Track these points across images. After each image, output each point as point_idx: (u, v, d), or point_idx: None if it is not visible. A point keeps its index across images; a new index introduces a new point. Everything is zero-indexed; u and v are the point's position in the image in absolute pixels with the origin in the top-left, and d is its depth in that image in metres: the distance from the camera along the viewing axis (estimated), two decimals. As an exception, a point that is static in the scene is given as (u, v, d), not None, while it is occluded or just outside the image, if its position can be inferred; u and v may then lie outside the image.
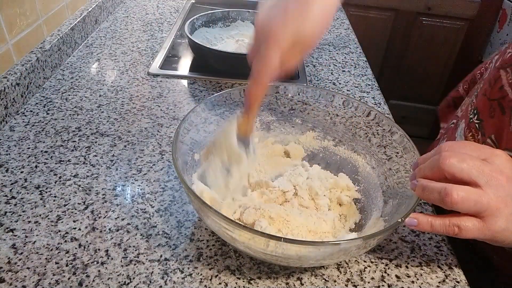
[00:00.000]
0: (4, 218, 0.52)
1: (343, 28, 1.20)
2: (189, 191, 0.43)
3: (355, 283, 0.48)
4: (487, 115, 0.63)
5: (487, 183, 0.39)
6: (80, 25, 0.96)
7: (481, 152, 0.41)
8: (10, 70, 0.72)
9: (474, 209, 0.39)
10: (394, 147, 0.55)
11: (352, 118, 0.61)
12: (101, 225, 0.52)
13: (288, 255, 0.42)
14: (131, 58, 0.93)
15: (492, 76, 0.65)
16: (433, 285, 0.48)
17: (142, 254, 0.49)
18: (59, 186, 0.58)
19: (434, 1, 1.84)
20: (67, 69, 0.87)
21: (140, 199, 0.57)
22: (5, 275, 0.45)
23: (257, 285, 0.47)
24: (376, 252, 0.52)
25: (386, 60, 2.02)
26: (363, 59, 1.02)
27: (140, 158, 0.64)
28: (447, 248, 0.53)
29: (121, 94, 0.80)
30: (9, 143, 0.65)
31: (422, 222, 0.41)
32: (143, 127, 0.71)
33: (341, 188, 0.57)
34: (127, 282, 0.46)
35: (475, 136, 0.65)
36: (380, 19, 1.92)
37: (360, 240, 0.42)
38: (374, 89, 0.90)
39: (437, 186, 0.39)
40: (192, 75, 0.89)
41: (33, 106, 0.74)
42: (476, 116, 0.65)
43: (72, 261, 0.48)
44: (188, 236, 0.52)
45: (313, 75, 0.92)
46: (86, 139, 0.67)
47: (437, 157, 0.40)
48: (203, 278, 0.47)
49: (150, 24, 1.11)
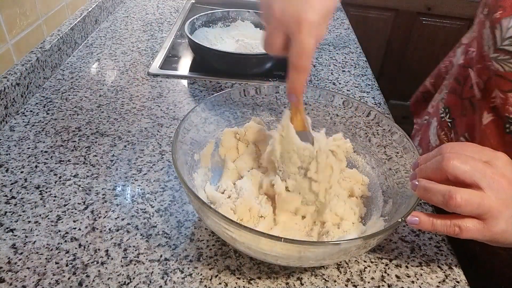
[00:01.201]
0: (4, 218, 0.52)
1: (343, 28, 1.20)
2: (189, 191, 0.43)
3: (355, 283, 0.48)
4: (459, 113, 0.63)
5: (489, 186, 0.39)
6: (80, 25, 0.96)
7: (482, 154, 0.41)
8: (10, 70, 0.72)
9: (476, 212, 0.39)
10: (394, 147, 0.55)
11: (352, 118, 0.61)
12: (101, 225, 0.52)
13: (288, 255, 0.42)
14: (131, 58, 0.93)
15: (459, 74, 0.65)
16: (433, 285, 0.48)
17: (142, 254, 0.49)
18: (59, 186, 0.58)
19: (434, 1, 1.84)
20: (67, 69, 0.87)
21: (140, 199, 0.57)
22: (5, 275, 0.45)
23: (257, 285, 0.47)
24: (376, 252, 0.52)
25: (386, 60, 2.02)
26: (363, 59, 1.02)
27: (140, 158, 0.64)
28: (447, 248, 0.53)
29: (121, 94, 0.80)
30: (9, 143, 0.65)
31: (423, 221, 0.41)
32: (143, 127, 0.71)
33: (357, 180, 0.56)
34: (127, 282, 0.46)
35: (448, 135, 0.65)
36: (380, 19, 1.91)
37: (360, 240, 0.42)
38: (374, 89, 0.90)
39: (440, 188, 0.39)
40: (192, 75, 0.89)
41: (33, 106, 0.74)
42: (448, 115, 0.66)
43: (72, 261, 0.48)
44: (188, 236, 0.52)
45: (313, 75, 0.92)
46: (86, 139, 0.67)
47: (439, 158, 0.40)
48: (203, 278, 0.47)
49: (150, 24, 1.11)
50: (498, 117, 0.55)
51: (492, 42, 0.54)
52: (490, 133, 0.56)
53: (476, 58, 0.60)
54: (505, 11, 0.51)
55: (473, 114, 0.60)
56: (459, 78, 0.65)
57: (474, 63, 0.61)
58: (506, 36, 0.51)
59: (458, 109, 0.64)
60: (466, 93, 0.62)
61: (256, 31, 1.03)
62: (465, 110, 0.62)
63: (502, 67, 0.53)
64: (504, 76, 0.53)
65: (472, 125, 0.60)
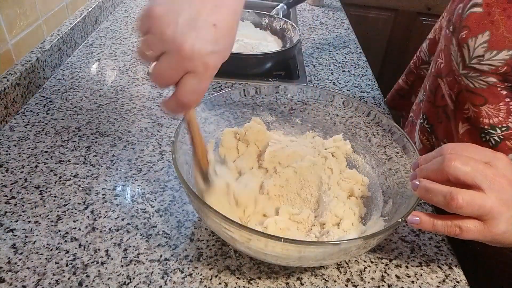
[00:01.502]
0: (4, 218, 0.52)
1: (343, 28, 1.20)
2: (189, 191, 0.43)
3: (355, 283, 0.48)
4: (436, 120, 0.64)
5: (490, 187, 0.39)
6: (80, 25, 0.96)
7: (483, 155, 0.41)
8: (10, 70, 0.72)
9: (477, 213, 0.39)
10: (394, 147, 0.55)
11: (352, 118, 0.61)
12: (101, 225, 0.52)
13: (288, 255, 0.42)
14: (131, 58, 0.93)
15: (432, 83, 0.66)
16: (433, 285, 0.48)
17: (142, 254, 0.49)
18: (59, 186, 0.58)
19: (434, 1, 1.84)
20: (67, 69, 0.87)
21: (140, 199, 0.57)
22: (5, 275, 0.45)
23: (257, 285, 0.47)
24: (376, 252, 0.52)
25: (386, 60, 2.02)
26: (363, 59, 1.02)
27: (140, 158, 0.64)
28: (447, 248, 0.53)
29: (121, 94, 0.80)
30: (9, 143, 0.65)
31: (424, 221, 0.41)
32: (143, 127, 0.71)
33: (356, 181, 0.56)
34: (127, 282, 0.46)
35: (429, 139, 0.66)
36: (380, 19, 1.91)
37: (360, 240, 0.42)
38: (374, 89, 0.90)
39: (441, 189, 0.40)
40: (192, 75, 0.89)
41: (33, 106, 0.74)
42: (425, 121, 0.66)
43: (72, 261, 0.48)
44: (188, 236, 0.52)
45: (313, 75, 0.92)
46: (86, 139, 0.67)
47: (440, 159, 0.41)
48: (203, 278, 0.47)
49: (150, 24, 1.11)
50: (473, 127, 0.56)
51: (461, 60, 0.54)
52: (467, 141, 0.57)
53: (445, 71, 0.61)
54: (470, 31, 0.52)
55: (448, 122, 0.61)
56: (431, 87, 0.65)
57: (444, 75, 0.61)
58: (473, 56, 0.52)
59: (434, 117, 0.65)
60: (438, 101, 0.63)
61: (256, 31, 1.03)
62: (441, 118, 0.63)
63: (472, 84, 0.54)
64: (474, 92, 0.54)
65: (450, 132, 0.61)
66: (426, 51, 0.78)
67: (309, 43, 1.09)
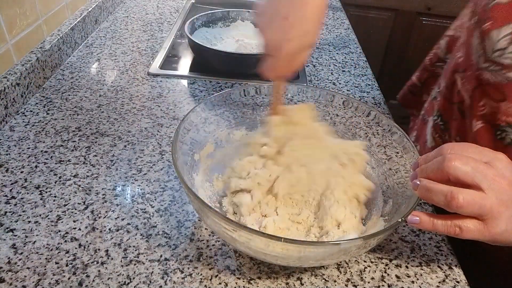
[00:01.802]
0: (4, 218, 0.52)
1: (343, 28, 1.20)
2: (189, 191, 0.43)
3: (355, 283, 0.48)
4: (450, 117, 0.64)
5: (490, 187, 0.39)
6: (80, 25, 0.96)
7: (483, 155, 0.41)
8: (10, 70, 0.72)
9: (477, 212, 0.39)
10: (394, 147, 0.55)
11: (352, 118, 0.61)
12: (101, 225, 0.52)
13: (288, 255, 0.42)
14: (131, 58, 0.93)
15: (448, 79, 0.65)
16: (433, 285, 0.48)
17: (142, 254, 0.49)
18: (59, 186, 0.58)
19: (434, 1, 1.84)
20: (67, 69, 0.87)
21: (140, 199, 0.57)
22: (5, 275, 0.45)
23: (257, 285, 0.47)
24: (376, 252, 0.52)
25: (386, 60, 2.02)
26: (363, 59, 1.02)
27: (140, 158, 0.64)
28: (447, 248, 0.53)
29: (121, 94, 0.80)
30: (9, 143, 0.65)
31: (424, 221, 0.41)
32: (143, 127, 0.71)
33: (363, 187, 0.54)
34: (127, 282, 0.46)
35: (442, 137, 0.66)
36: (380, 19, 1.91)
37: (360, 240, 0.42)
38: (374, 89, 0.90)
39: (442, 188, 0.40)
40: (192, 75, 0.89)
41: (33, 106, 0.74)
42: (439, 118, 0.66)
43: (72, 261, 0.48)
44: (188, 236, 0.52)
45: (313, 75, 0.92)
46: (86, 139, 0.67)
47: (440, 159, 0.41)
48: (203, 278, 0.47)
49: (150, 24, 1.11)
50: (489, 124, 0.56)
51: (482, 52, 0.54)
52: (481, 139, 0.56)
53: (463, 65, 0.60)
54: (495, 23, 0.51)
55: (462, 119, 0.60)
56: (447, 83, 0.65)
57: (462, 70, 0.61)
58: (496, 48, 0.51)
59: (449, 114, 0.64)
60: (454, 98, 0.63)
61: (256, 31, 1.03)
62: (455, 115, 0.62)
63: (493, 77, 0.53)
64: (495, 85, 0.53)
65: (463, 129, 0.60)
66: (443, 48, 0.76)
67: (309, 43, 1.09)
